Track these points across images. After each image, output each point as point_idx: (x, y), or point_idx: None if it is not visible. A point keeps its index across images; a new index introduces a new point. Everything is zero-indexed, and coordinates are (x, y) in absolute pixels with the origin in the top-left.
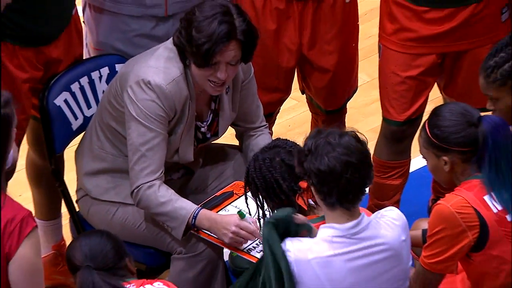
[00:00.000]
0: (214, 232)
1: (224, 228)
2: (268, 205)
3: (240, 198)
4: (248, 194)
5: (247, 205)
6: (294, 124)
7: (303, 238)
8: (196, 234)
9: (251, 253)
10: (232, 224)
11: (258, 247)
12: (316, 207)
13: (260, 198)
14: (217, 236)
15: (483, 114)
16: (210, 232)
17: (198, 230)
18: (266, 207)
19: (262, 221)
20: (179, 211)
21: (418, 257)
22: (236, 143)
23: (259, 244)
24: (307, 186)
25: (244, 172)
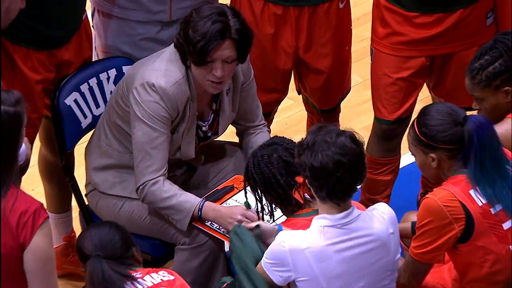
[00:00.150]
0: (219, 222)
1: (230, 217)
2: (266, 198)
3: (240, 192)
4: (248, 188)
5: (247, 199)
6: (291, 122)
7: (294, 230)
8: (198, 227)
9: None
10: (238, 213)
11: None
12: (312, 201)
13: (259, 192)
14: (221, 225)
15: (469, 113)
16: (215, 223)
17: (200, 223)
18: (264, 201)
19: (261, 214)
20: (184, 204)
21: (407, 247)
22: (236, 140)
23: None
24: (303, 181)
25: (244, 168)
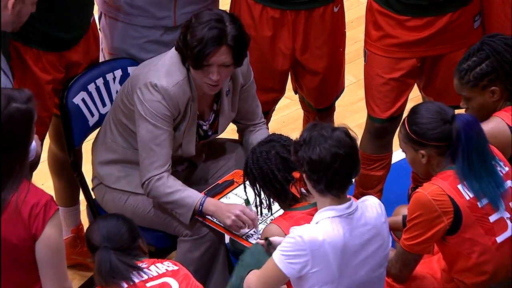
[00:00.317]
0: (218, 216)
1: (228, 212)
2: (265, 193)
3: (240, 186)
4: (247, 183)
5: (246, 193)
6: (288, 120)
7: (311, 225)
8: (200, 220)
9: (249, 240)
10: (237, 208)
11: (255, 235)
12: (308, 195)
13: (257, 187)
14: (220, 219)
15: (457, 112)
16: (214, 217)
17: (202, 217)
18: (262, 195)
19: (259, 208)
20: (186, 199)
21: (399, 239)
22: (236, 137)
23: (256, 232)
24: (300, 176)
25: (244, 163)
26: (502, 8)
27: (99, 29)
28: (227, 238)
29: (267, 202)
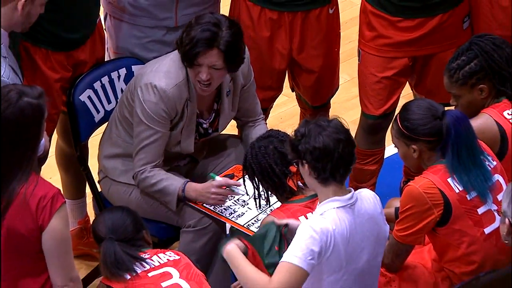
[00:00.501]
0: (201, 200)
1: (206, 193)
2: (263, 186)
3: (239, 180)
4: (246, 177)
5: (245, 186)
6: (285, 117)
7: (316, 216)
8: (191, 205)
9: (250, 228)
10: (210, 187)
11: (257, 223)
12: (304, 188)
13: (256, 181)
14: (203, 202)
15: (446, 108)
16: (198, 201)
17: (194, 203)
18: (261, 188)
19: (258, 200)
20: (170, 187)
21: (391, 231)
22: (236, 132)
23: (258, 221)
24: (297, 170)
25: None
26: (490, 10)
27: (105, 29)
28: (227, 228)
29: (265, 195)
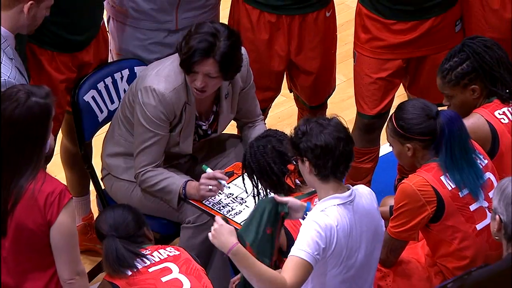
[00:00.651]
0: (198, 195)
1: (200, 186)
2: (262, 184)
3: (239, 177)
4: (245, 175)
5: (244, 184)
6: (283, 116)
7: (318, 212)
8: (191, 203)
9: (234, 218)
10: (201, 180)
11: (242, 213)
12: (302, 186)
13: (255, 179)
14: (200, 197)
15: (440, 108)
16: (197, 198)
17: (194, 200)
18: (260, 186)
19: (257, 198)
20: (171, 186)
21: (386, 227)
22: (235, 131)
23: (242, 211)
24: (294, 168)
25: (242, 157)
26: (482, 13)
27: (108, 31)
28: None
29: (264, 193)
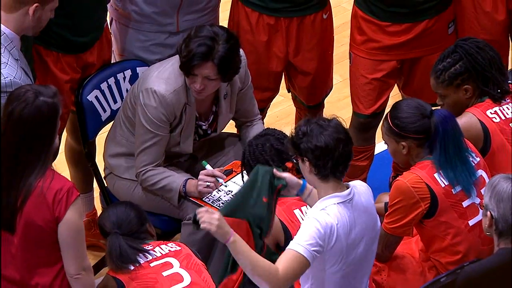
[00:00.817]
0: (198, 193)
1: (198, 183)
2: None
3: (238, 175)
4: (244, 172)
5: (243, 182)
6: (281, 115)
7: (318, 211)
8: (191, 200)
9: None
10: (199, 175)
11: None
12: None
13: None
14: (200, 195)
15: (434, 108)
16: (197, 194)
17: (195, 198)
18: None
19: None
20: (171, 185)
21: (381, 223)
22: (234, 130)
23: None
24: (292, 166)
25: (241, 155)
26: (475, 15)
27: (111, 33)
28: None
29: None
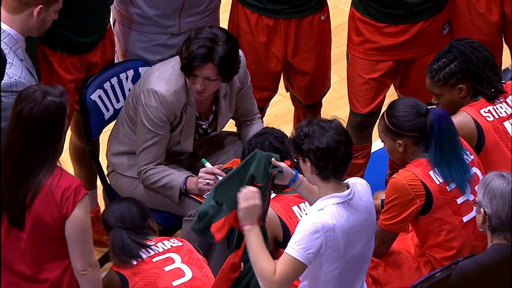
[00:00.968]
0: (199, 190)
1: (198, 180)
2: None
3: None
4: None
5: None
6: (280, 114)
7: (316, 211)
8: (192, 197)
9: None
10: (199, 173)
11: None
12: None
13: None
14: (201, 192)
15: (429, 107)
16: (197, 191)
17: (195, 195)
18: None
19: None
20: (172, 183)
21: (377, 220)
22: (234, 129)
23: None
24: (290, 164)
25: (241, 153)
26: (469, 16)
27: (114, 34)
28: None
29: None
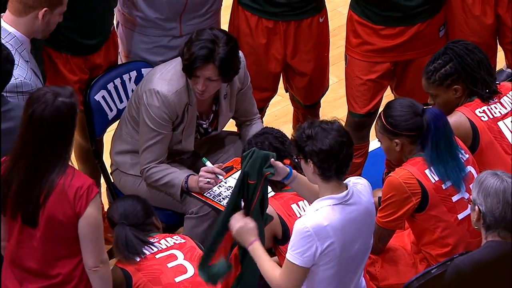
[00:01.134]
0: (199, 188)
1: (198, 179)
2: None
3: (238, 171)
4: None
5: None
6: (279, 114)
7: (311, 212)
8: (192, 194)
9: (222, 202)
10: (200, 172)
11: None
12: None
13: None
14: (201, 190)
15: (425, 107)
16: (198, 189)
17: (196, 193)
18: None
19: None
20: (174, 180)
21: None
22: (234, 129)
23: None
24: (290, 163)
25: (241, 153)
26: (464, 18)
27: (117, 36)
28: None
29: None
